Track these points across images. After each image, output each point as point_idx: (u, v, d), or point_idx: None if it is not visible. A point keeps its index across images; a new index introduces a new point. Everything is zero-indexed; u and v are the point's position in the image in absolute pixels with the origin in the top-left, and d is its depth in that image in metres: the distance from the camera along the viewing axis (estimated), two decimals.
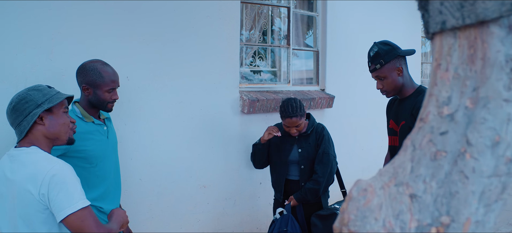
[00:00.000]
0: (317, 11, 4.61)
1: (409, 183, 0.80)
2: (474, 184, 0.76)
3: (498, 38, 0.75)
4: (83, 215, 1.77)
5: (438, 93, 0.81)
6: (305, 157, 3.25)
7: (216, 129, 3.66)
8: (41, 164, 1.77)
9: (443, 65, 0.81)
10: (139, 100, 3.16)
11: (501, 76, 0.75)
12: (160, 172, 3.32)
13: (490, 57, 0.75)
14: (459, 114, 0.77)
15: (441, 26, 0.80)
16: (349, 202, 0.81)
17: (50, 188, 1.73)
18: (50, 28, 2.70)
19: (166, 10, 3.26)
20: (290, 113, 3.13)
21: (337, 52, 4.65)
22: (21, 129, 1.85)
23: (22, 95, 1.86)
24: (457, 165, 0.77)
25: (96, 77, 2.41)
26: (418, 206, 0.78)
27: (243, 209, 3.90)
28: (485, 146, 0.75)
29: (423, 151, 0.80)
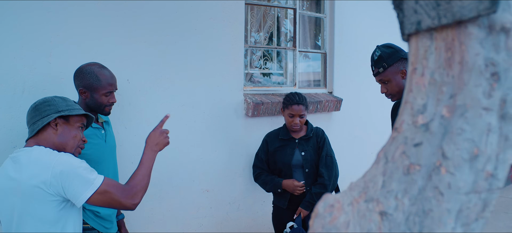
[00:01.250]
0: (325, 13, 4.52)
1: (379, 199, 0.72)
2: (449, 202, 0.68)
3: (477, 40, 0.67)
4: (104, 190, 1.81)
5: (413, 101, 0.73)
6: (308, 160, 3.20)
7: (220, 132, 3.60)
8: (45, 158, 1.78)
9: (418, 69, 0.74)
10: (140, 103, 3.12)
11: (480, 82, 0.67)
12: (161, 175, 3.27)
13: (468, 61, 0.68)
14: (435, 124, 0.70)
15: (416, 27, 0.72)
16: (315, 219, 0.74)
17: (62, 178, 1.74)
18: (49, 31, 2.67)
19: (168, 12, 3.22)
20: (297, 100, 3.19)
21: (345, 54, 4.56)
22: (34, 127, 1.88)
23: (48, 98, 1.91)
24: (432, 180, 0.69)
25: (93, 81, 2.38)
26: (388, 224, 0.71)
27: (247, 214, 3.84)
28: (463, 159, 0.68)
29: (395, 163, 0.73)
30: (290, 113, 3.18)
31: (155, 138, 2.22)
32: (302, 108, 3.17)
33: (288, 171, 3.25)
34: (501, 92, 0.67)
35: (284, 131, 3.32)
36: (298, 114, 3.17)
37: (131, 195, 1.91)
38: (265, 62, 4.20)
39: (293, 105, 3.17)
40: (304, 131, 3.32)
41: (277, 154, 3.29)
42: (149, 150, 2.16)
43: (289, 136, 3.29)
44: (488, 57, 0.67)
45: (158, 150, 2.21)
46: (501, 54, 0.67)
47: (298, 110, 3.17)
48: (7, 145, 2.51)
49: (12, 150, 2.48)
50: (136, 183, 1.98)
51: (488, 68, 0.67)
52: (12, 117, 2.54)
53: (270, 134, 3.41)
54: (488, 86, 0.67)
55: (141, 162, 2.09)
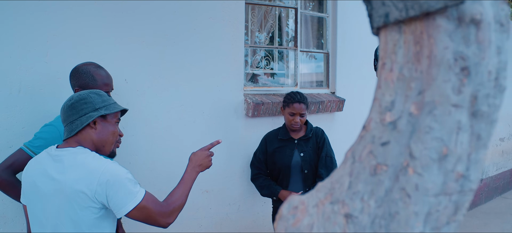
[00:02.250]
0: (327, 12, 4.48)
1: (345, 200, 0.69)
2: (417, 204, 0.64)
3: (446, 33, 0.63)
4: (143, 205, 1.79)
5: (381, 98, 0.70)
6: (307, 161, 3.17)
7: (219, 132, 3.57)
8: (92, 164, 1.75)
9: (387, 64, 0.70)
10: (138, 104, 3.10)
11: (449, 77, 0.63)
12: (160, 176, 3.25)
13: (437, 55, 0.64)
14: (403, 122, 0.66)
15: (384, 20, 0.69)
16: (279, 221, 0.71)
17: (108, 188, 1.72)
18: (46, 31, 2.66)
19: (167, 11, 3.20)
20: (298, 98, 3.17)
21: (348, 54, 4.51)
22: (73, 127, 1.84)
23: (83, 95, 1.86)
24: (399, 181, 0.65)
25: (89, 80, 2.37)
26: (353, 227, 0.67)
27: (247, 215, 3.81)
28: (431, 159, 0.64)
29: (362, 164, 0.69)
30: (291, 111, 3.15)
31: (200, 158, 2.23)
32: (303, 107, 3.14)
33: (286, 172, 3.22)
34: (471, 88, 0.63)
35: (284, 131, 3.29)
36: (298, 113, 3.14)
37: (167, 213, 1.91)
38: (266, 63, 4.16)
39: (294, 104, 3.15)
40: (303, 131, 3.29)
41: (276, 154, 3.26)
42: (192, 169, 2.17)
43: (288, 136, 3.26)
44: (458, 51, 0.63)
45: (200, 171, 2.21)
46: (471, 48, 0.63)
47: (299, 109, 3.14)
48: (4, 145, 2.51)
49: (9, 149, 2.47)
50: (174, 200, 1.97)
51: (458, 63, 0.63)
52: (9, 117, 2.53)
53: (269, 134, 3.38)
54: (457, 81, 0.63)
55: (182, 180, 2.10)
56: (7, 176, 2.25)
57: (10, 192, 2.28)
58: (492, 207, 6.93)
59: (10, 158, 2.28)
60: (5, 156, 2.37)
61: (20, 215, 2.57)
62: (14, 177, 2.29)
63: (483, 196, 7.13)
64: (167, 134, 3.25)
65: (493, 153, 7.30)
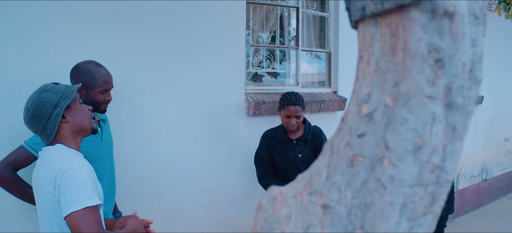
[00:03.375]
0: (329, 12, 4.48)
1: (323, 191, 0.69)
2: (392, 195, 0.65)
3: (420, 25, 0.64)
4: (86, 215, 1.72)
5: (359, 90, 0.70)
6: (305, 162, 3.16)
7: (220, 131, 3.59)
8: (58, 160, 1.78)
9: (365, 57, 0.71)
10: (139, 102, 3.12)
11: (423, 69, 0.64)
12: (161, 174, 3.27)
13: (411, 47, 0.64)
14: (378, 114, 0.67)
15: (361, 13, 0.70)
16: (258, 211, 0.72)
17: (61, 183, 1.73)
18: (46, 29, 2.68)
19: (168, 10, 3.22)
20: (294, 100, 3.12)
21: (350, 53, 4.51)
22: (47, 133, 1.86)
23: (36, 101, 1.84)
24: (375, 172, 0.66)
25: (89, 78, 2.39)
26: (330, 218, 0.68)
27: (248, 213, 3.81)
28: (406, 150, 0.65)
29: (340, 155, 0.70)
30: (286, 114, 3.12)
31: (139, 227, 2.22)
32: (299, 109, 3.11)
33: (284, 172, 3.21)
34: (445, 80, 0.64)
35: (282, 131, 3.27)
36: (294, 115, 3.11)
37: None
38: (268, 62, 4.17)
39: (289, 106, 3.11)
40: (301, 131, 3.27)
41: (275, 155, 3.25)
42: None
43: (287, 136, 3.24)
44: (431, 43, 0.63)
45: None
46: (445, 40, 0.63)
47: (294, 111, 3.10)
48: (5, 142, 2.53)
49: (10, 147, 2.50)
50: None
51: (432, 55, 0.63)
52: (10, 115, 2.55)
53: (267, 134, 3.36)
54: (431, 73, 0.64)
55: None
56: (8, 173, 2.29)
57: (11, 189, 2.31)
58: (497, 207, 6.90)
59: (11, 155, 2.31)
60: (6, 153, 2.40)
61: (21, 213, 2.60)
62: (15, 174, 2.32)
63: (488, 196, 7.09)
64: (167, 132, 3.27)
65: (497, 153, 7.26)
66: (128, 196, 3.08)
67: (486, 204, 7.03)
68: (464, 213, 6.47)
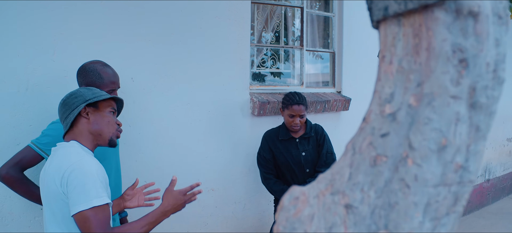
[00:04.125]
0: (333, 12, 4.48)
1: (345, 191, 0.70)
2: (416, 194, 0.65)
3: (444, 25, 0.64)
4: (94, 214, 1.72)
5: (381, 90, 0.70)
6: (309, 160, 3.17)
7: (225, 131, 3.59)
8: (68, 158, 1.78)
9: (387, 57, 0.71)
10: (144, 102, 3.13)
11: (448, 68, 0.64)
12: (166, 174, 3.27)
13: (435, 47, 0.64)
14: (402, 114, 0.67)
15: (383, 13, 0.70)
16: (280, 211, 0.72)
17: (69, 181, 1.73)
18: (52, 29, 2.69)
19: (173, 10, 3.22)
20: (297, 100, 3.14)
21: (354, 53, 4.51)
22: (67, 121, 1.89)
23: (74, 91, 1.92)
24: (398, 171, 0.66)
25: (96, 78, 2.39)
26: (353, 218, 0.68)
27: (253, 213, 3.82)
28: (430, 150, 0.65)
29: (362, 155, 0.70)
30: (290, 113, 3.13)
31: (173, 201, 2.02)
32: (302, 108, 3.13)
33: (288, 171, 3.22)
34: (470, 80, 0.64)
35: (284, 130, 3.28)
36: (298, 114, 3.13)
37: None
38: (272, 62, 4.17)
39: (293, 106, 3.13)
40: (303, 129, 3.28)
41: (278, 154, 3.25)
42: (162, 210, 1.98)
43: (289, 135, 3.25)
44: (456, 43, 0.63)
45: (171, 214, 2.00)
46: (470, 40, 0.63)
47: (298, 111, 3.12)
48: (12, 142, 2.54)
49: (17, 147, 2.50)
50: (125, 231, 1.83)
51: (456, 55, 0.63)
52: (16, 114, 2.56)
53: (269, 133, 3.37)
54: (456, 73, 0.64)
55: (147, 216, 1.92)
56: (15, 172, 2.29)
57: (18, 188, 2.31)
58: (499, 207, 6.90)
59: (18, 155, 2.31)
60: (13, 153, 2.40)
61: (27, 212, 2.60)
62: (22, 174, 2.32)
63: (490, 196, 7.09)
64: (173, 132, 3.27)
65: (500, 153, 7.26)
66: None
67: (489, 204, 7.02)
68: (467, 213, 6.47)
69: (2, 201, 2.52)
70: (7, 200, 2.52)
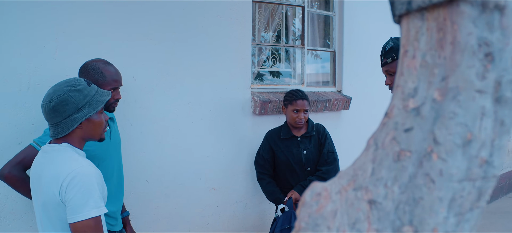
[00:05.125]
0: (334, 11, 4.48)
1: (368, 187, 0.69)
2: (441, 190, 0.65)
3: (470, 19, 0.63)
4: (91, 224, 1.72)
5: (404, 84, 0.70)
6: (310, 159, 3.17)
7: (226, 130, 3.58)
8: (66, 164, 1.75)
9: (410, 52, 0.70)
10: (146, 101, 3.11)
11: (473, 63, 0.63)
12: (167, 173, 3.26)
13: (461, 41, 0.64)
14: (426, 108, 0.66)
15: (407, 7, 0.69)
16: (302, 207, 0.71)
17: (68, 189, 1.71)
18: (54, 28, 2.67)
19: (175, 9, 3.21)
20: (301, 95, 3.21)
21: (354, 52, 4.51)
22: (58, 130, 1.82)
23: (63, 96, 1.80)
24: (423, 166, 0.66)
25: (98, 77, 2.37)
26: (377, 213, 0.67)
27: (254, 213, 3.81)
28: (455, 144, 0.64)
29: (385, 150, 0.70)
30: (295, 108, 3.17)
31: None
32: (306, 103, 3.18)
33: (290, 170, 3.22)
34: (495, 74, 0.64)
35: (286, 129, 3.29)
36: (302, 109, 3.17)
37: None
38: (273, 61, 4.17)
39: (297, 101, 3.17)
40: (305, 128, 3.29)
41: (279, 153, 3.25)
42: None
43: (291, 134, 3.26)
44: (482, 37, 0.63)
45: None
46: (495, 34, 0.63)
47: (302, 105, 3.17)
48: (13, 141, 2.52)
49: (18, 146, 2.49)
50: None
51: (482, 49, 0.63)
52: (18, 113, 2.54)
53: (271, 133, 3.38)
54: (481, 67, 0.63)
55: None
56: (17, 172, 2.27)
57: (20, 188, 2.29)
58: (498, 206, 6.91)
59: (20, 154, 2.29)
60: (15, 152, 2.39)
61: (29, 212, 2.58)
62: (24, 173, 2.30)
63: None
64: (174, 131, 3.26)
65: None
66: (134, 196, 3.07)
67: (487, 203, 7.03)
68: None
69: (4, 201, 2.50)
70: (8, 199, 2.51)
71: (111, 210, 2.51)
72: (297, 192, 3.12)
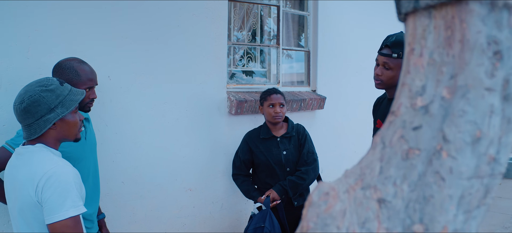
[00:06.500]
0: (309, 11, 4.50)
1: (377, 186, 0.69)
2: (451, 187, 0.65)
3: (479, 17, 0.64)
4: (70, 224, 1.68)
5: (411, 82, 0.70)
6: (290, 159, 3.18)
7: (203, 130, 3.55)
8: (42, 164, 1.71)
9: (416, 50, 0.70)
10: (121, 101, 3.05)
11: (482, 61, 0.64)
12: (143, 174, 3.21)
13: (470, 39, 0.64)
14: (435, 106, 0.67)
15: (414, 5, 0.69)
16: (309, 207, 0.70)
17: (44, 189, 1.67)
18: (27, 26, 2.59)
19: (150, 8, 3.16)
20: (275, 90, 3.24)
21: (329, 52, 4.55)
22: (31, 131, 1.78)
23: (34, 97, 1.75)
24: (432, 164, 0.66)
25: (73, 76, 2.31)
26: (387, 212, 0.67)
27: (230, 213, 3.79)
28: (464, 142, 0.65)
29: (393, 148, 0.69)
30: (270, 103, 3.18)
31: None
32: (281, 98, 3.20)
33: (269, 170, 3.21)
34: (504, 72, 0.64)
35: (265, 129, 3.29)
36: (278, 103, 3.18)
37: None
38: (248, 61, 4.16)
39: (272, 95, 3.20)
40: (285, 128, 3.30)
41: (259, 154, 3.24)
42: None
43: (270, 134, 3.25)
44: (491, 35, 0.63)
45: None
46: (504, 32, 0.64)
47: (277, 99, 3.18)
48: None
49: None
50: None
51: (491, 47, 0.64)
52: None
53: (250, 134, 3.37)
54: (490, 65, 0.64)
55: None
56: None
57: None
58: None
59: None
60: None
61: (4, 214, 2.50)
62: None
63: None
64: (150, 131, 3.21)
65: None
66: (110, 197, 3.01)
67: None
68: None
69: None
70: None
71: (87, 213, 2.45)
72: (276, 192, 3.11)
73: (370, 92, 2.60)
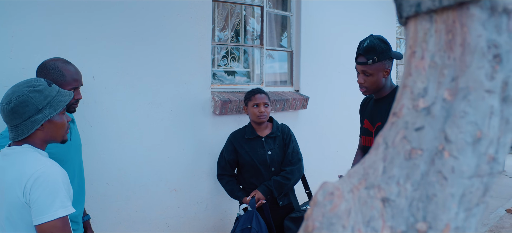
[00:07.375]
0: (291, 11, 4.53)
1: (381, 185, 0.71)
2: (453, 186, 0.67)
3: (479, 22, 0.66)
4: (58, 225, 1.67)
5: (413, 85, 0.72)
6: (275, 159, 3.19)
7: (187, 130, 3.54)
8: (29, 165, 1.70)
9: (418, 53, 0.72)
10: (106, 101, 3.03)
11: (483, 64, 0.66)
12: (128, 175, 3.18)
13: (470, 43, 0.67)
14: (437, 108, 0.69)
15: (415, 9, 0.71)
16: (314, 207, 0.72)
17: (32, 190, 1.66)
18: (10, 25, 2.55)
19: (134, 8, 3.13)
20: (259, 90, 3.26)
21: (311, 52, 4.58)
22: (18, 132, 1.76)
23: (22, 97, 1.74)
24: (435, 164, 0.68)
25: (58, 76, 2.29)
26: (391, 211, 0.69)
27: (215, 213, 3.79)
28: (466, 142, 0.67)
29: (396, 149, 0.71)
30: (255, 103, 3.20)
31: None
32: (265, 97, 3.22)
33: (254, 170, 3.22)
34: (503, 75, 0.67)
35: (250, 129, 3.30)
36: (262, 102, 3.20)
37: None
38: (233, 60, 4.16)
39: (256, 95, 3.22)
40: (269, 128, 3.31)
41: (244, 154, 3.24)
42: None
43: (255, 134, 3.27)
44: (491, 39, 0.66)
45: None
46: (503, 36, 0.66)
47: (261, 99, 3.20)
48: None
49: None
50: None
51: (491, 50, 0.66)
52: None
53: (235, 134, 3.37)
54: (490, 68, 0.66)
55: None
56: None
57: None
58: None
59: None
60: None
61: None
62: None
63: None
64: (134, 132, 3.19)
65: None
66: (95, 198, 2.98)
67: None
68: None
69: None
70: None
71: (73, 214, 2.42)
72: (261, 192, 3.12)
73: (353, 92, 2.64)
